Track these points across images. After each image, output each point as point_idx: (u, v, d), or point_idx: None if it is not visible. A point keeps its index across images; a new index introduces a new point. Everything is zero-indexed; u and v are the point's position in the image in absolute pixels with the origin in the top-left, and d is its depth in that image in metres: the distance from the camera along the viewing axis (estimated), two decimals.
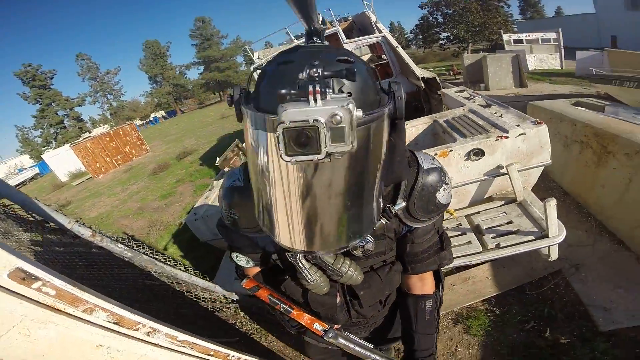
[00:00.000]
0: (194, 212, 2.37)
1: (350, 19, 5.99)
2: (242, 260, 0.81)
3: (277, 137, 0.35)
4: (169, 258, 1.55)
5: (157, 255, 1.48)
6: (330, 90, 0.36)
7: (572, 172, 2.70)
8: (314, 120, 0.34)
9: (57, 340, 0.69)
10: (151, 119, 37.14)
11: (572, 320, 1.78)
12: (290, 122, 0.34)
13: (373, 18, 4.80)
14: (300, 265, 0.67)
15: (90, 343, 0.75)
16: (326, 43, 0.55)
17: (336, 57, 0.47)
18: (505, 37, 14.92)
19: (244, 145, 3.30)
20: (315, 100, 0.35)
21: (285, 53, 0.49)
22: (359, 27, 5.47)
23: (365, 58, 4.89)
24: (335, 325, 0.78)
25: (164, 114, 38.76)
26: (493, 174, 1.74)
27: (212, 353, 1.07)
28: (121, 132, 12.39)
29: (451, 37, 28.51)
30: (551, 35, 13.40)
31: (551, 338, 1.71)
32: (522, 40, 14.20)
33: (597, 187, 2.44)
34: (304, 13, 0.49)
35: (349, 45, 4.29)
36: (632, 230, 2.14)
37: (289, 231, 0.52)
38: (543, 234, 1.63)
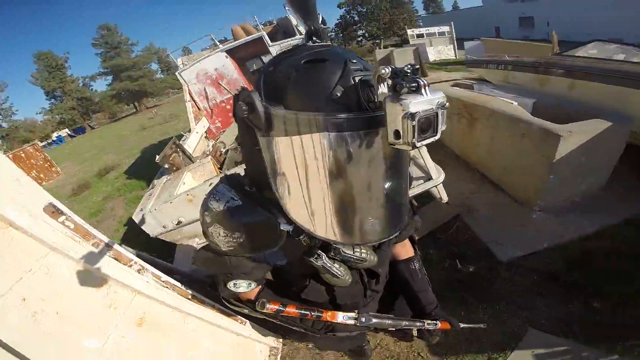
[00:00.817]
0: (141, 209, 2.49)
1: (275, 22, 6.33)
2: (242, 286, 0.75)
3: (413, 126, 0.38)
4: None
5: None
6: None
7: (457, 138, 3.47)
8: (434, 107, 0.39)
9: (69, 279, 0.93)
10: (54, 138, 32.54)
11: (478, 255, 2.22)
12: (423, 111, 0.38)
13: (294, 22, 5.23)
14: (328, 265, 0.70)
15: (99, 280, 0.99)
16: (327, 42, 0.57)
17: (356, 55, 0.51)
18: (409, 32, 16.60)
19: (185, 144, 3.37)
20: (426, 92, 0.40)
21: (314, 54, 0.49)
22: (284, 30, 5.82)
23: None
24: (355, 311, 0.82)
25: (69, 132, 34.27)
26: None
27: (189, 297, 1.36)
28: (23, 155, 10.81)
29: (366, 34, 30.89)
30: (445, 28, 15.16)
31: (465, 271, 2.14)
32: (422, 34, 15.93)
33: (474, 146, 3.19)
34: (304, 13, 0.53)
35: (274, 48, 4.65)
36: (500, 175, 2.88)
37: (359, 227, 0.55)
38: (428, 178, 2.24)
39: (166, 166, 2.84)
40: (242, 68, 5.25)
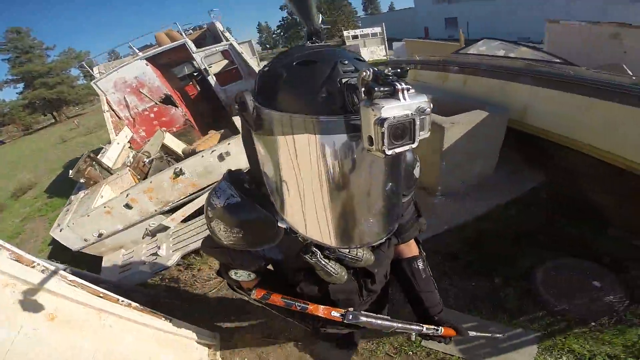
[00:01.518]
0: (58, 224, 2.49)
1: (205, 26, 6.35)
2: (242, 276, 0.80)
3: (382, 132, 0.36)
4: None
5: None
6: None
7: None
8: (410, 113, 0.37)
9: None
10: None
11: None
12: (394, 117, 0.36)
13: (220, 28, 5.33)
14: (323, 262, 0.73)
15: (3, 279, 1.12)
16: (328, 42, 0.57)
17: (354, 56, 0.50)
18: (345, 33, 17.30)
19: (104, 156, 3.35)
20: (404, 97, 0.38)
21: (306, 55, 0.50)
22: (214, 35, 5.90)
23: (221, 64, 5.43)
24: (350, 309, 0.83)
25: None
26: None
27: (101, 295, 1.49)
28: None
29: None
30: (377, 29, 15.96)
31: None
32: (357, 35, 16.75)
33: None
34: (304, 13, 0.53)
35: (199, 54, 4.72)
36: None
37: (343, 231, 0.56)
38: None
39: (82, 180, 2.84)
40: (167, 75, 5.23)
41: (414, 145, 0.40)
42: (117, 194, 2.67)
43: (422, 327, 0.90)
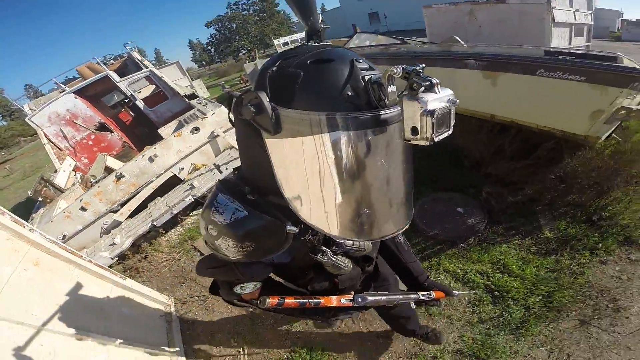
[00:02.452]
0: None
1: (126, 55, 6.89)
2: (248, 288, 0.81)
3: (432, 122, 0.42)
4: None
5: None
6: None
7: None
8: (447, 104, 0.44)
9: None
10: None
11: None
12: (439, 108, 0.42)
13: (138, 57, 6.05)
14: (334, 259, 0.80)
15: (4, 233, 1.85)
16: (329, 42, 0.60)
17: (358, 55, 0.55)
18: (275, 41, 18.55)
19: (55, 181, 4.02)
20: (438, 89, 0.43)
21: (318, 54, 0.53)
22: (135, 62, 6.44)
23: (149, 89, 6.17)
24: (352, 293, 0.90)
25: None
26: (212, 136, 3.54)
27: (69, 251, 2.23)
28: None
29: (241, 48, 32.46)
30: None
31: None
32: (287, 42, 17.95)
33: None
34: (304, 14, 0.56)
35: (122, 82, 5.43)
36: None
37: (375, 222, 0.60)
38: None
39: (40, 199, 3.51)
40: (98, 104, 5.87)
41: (450, 132, 0.46)
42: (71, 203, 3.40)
43: (418, 294, 1.02)
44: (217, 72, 28.78)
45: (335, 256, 0.81)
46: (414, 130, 0.44)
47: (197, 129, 3.32)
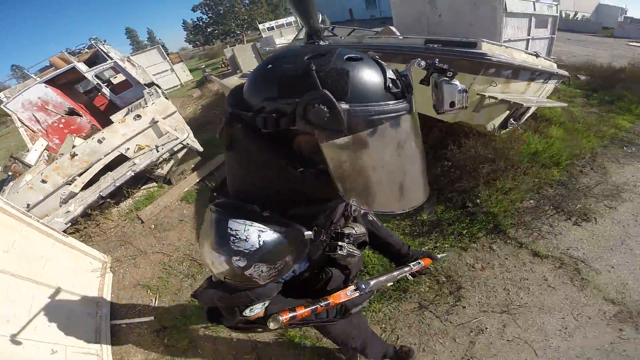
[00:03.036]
0: None
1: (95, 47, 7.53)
2: (257, 309, 0.79)
3: (466, 97, 0.60)
4: None
5: None
6: None
7: None
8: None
9: None
10: None
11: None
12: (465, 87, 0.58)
13: (104, 49, 6.68)
14: (350, 250, 0.86)
15: None
16: (327, 42, 0.64)
17: None
18: (260, 26, 18.80)
19: (25, 159, 4.77)
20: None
21: (347, 52, 0.56)
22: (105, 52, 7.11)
23: (121, 77, 6.84)
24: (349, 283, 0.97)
25: None
26: (152, 122, 4.22)
27: (22, 212, 3.03)
28: None
29: (230, 32, 32.66)
30: (291, 18, 17.39)
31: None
32: (272, 26, 18.27)
33: None
34: (304, 14, 0.60)
35: (90, 73, 6.08)
36: None
37: (414, 193, 0.66)
38: (176, 137, 4.20)
39: (10, 174, 4.23)
40: (69, 91, 6.53)
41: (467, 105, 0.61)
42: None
43: (410, 266, 1.08)
44: (207, 54, 28.94)
45: (350, 247, 0.87)
46: (452, 104, 0.61)
47: (139, 116, 4.01)
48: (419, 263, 1.12)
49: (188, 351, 2.30)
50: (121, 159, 4.13)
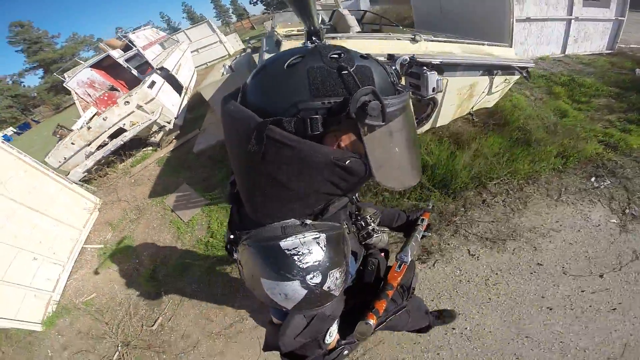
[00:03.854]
0: (48, 156, 6.31)
1: (145, 27, 9.80)
2: (334, 330, 0.77)
3: (444, 83, 1.30)
4: None
5: None
6: None
7: None
8: None
9: None
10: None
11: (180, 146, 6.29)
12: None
13: (131, 39, 8.79)
14: (380, 230, 0.93)
15: None
16: (326, 42, 0.68)
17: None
18: None
19: (73, 125, 7.25)
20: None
21: (358, 50, 0.62)
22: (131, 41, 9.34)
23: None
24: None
25: (14, 130, 35.91)
26: (137, 106, 6.10)
27: (23, 155, 5.16)
28: None
29: None
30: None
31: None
32: None
33: None
34: (304, 14, 0.62)
35: (121, 59, 8.24)
36: None
37: (417, 171, 0.70)
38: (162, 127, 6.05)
39: (58, 136, 6.56)
40: (114, 71, 8.84)
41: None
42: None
43: (419, 226, 1.17)
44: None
45: (378, 228, 0.94)
46: (434, 89, 0.84)
47: (127, 102, 5.91)
48: (423, 220, 1.20)
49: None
50: (121, 131, 6.16)
